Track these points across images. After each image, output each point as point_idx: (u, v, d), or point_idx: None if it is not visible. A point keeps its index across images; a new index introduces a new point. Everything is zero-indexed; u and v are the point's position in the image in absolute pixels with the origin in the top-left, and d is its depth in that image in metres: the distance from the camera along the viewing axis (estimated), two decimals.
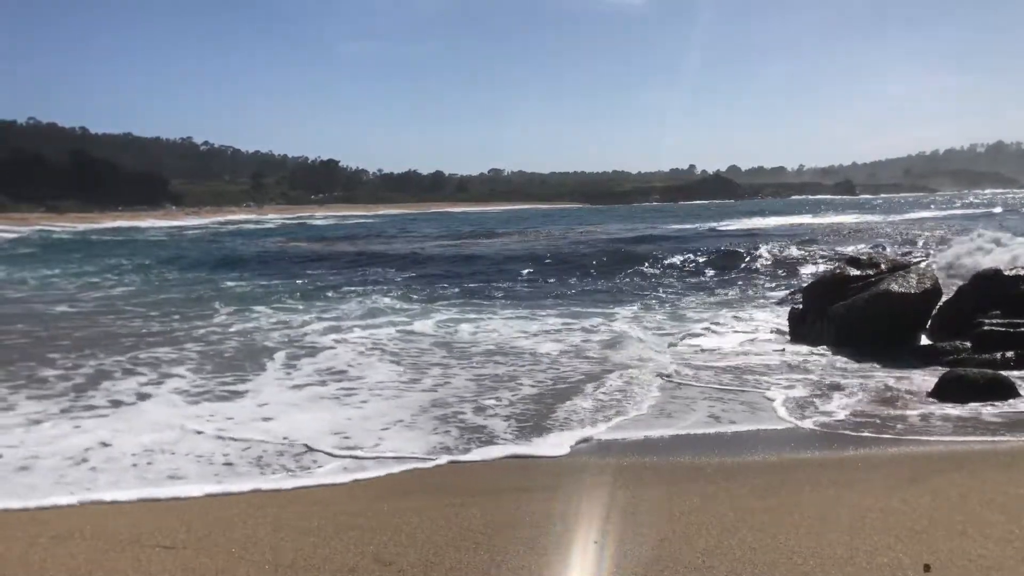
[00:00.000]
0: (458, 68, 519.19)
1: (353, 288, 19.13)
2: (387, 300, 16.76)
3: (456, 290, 18.57)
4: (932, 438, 6.51)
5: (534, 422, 7.23)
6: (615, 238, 36.22)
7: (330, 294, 18.14)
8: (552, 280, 20.55)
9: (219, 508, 5.13)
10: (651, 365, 9.80)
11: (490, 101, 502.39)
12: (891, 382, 8.74)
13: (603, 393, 8.31)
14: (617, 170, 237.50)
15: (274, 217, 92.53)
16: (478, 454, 6.33)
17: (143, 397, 8.47)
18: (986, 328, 10.52)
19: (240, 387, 8.94)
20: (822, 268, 16.03)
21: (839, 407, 7.69)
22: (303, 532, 4.55)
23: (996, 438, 6.49)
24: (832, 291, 12.03)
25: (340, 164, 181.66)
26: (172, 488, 5.57)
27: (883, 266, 12.29)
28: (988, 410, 7.34)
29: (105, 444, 6.65)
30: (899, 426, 6.93)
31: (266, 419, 7.53)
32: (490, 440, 6.71)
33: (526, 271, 22.44)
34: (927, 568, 3.80)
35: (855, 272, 12.20)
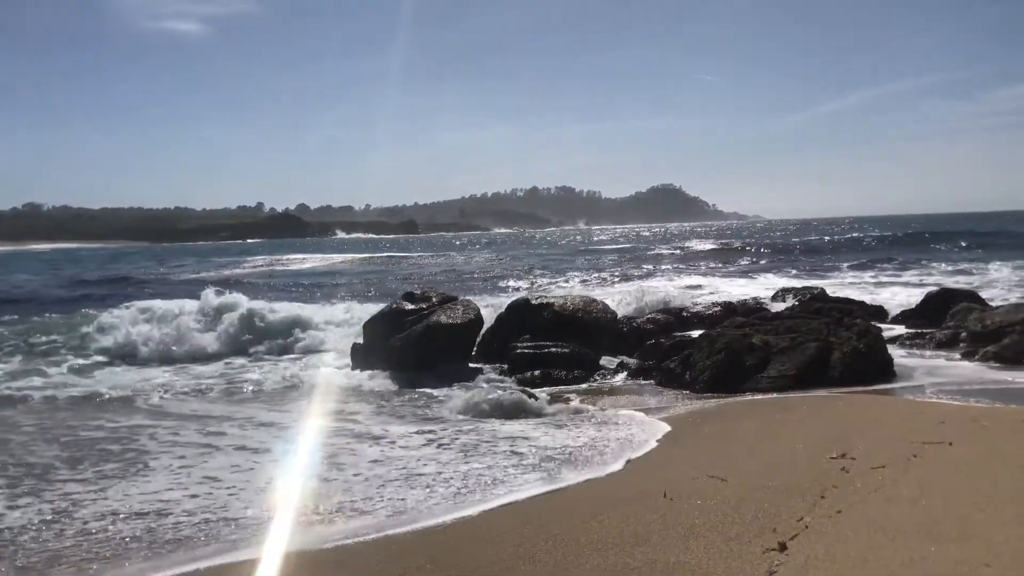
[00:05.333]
0: None
1: None
2: None
3: None
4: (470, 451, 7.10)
5: None
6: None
7: None
8: None
9: None
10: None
11: (25, 126, 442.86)
12: (436, 403, 9.54)
13: None
14: (180, 206, 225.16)
15: None
16: None
17: None
18: (518, 351, 11.92)
19: None
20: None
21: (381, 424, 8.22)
22: None
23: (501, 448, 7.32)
24: (391, 324, 12.65)
25: None
26: None
27: (435, 299, 13.24)
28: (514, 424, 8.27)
29: None
30: (437, 442, 7.48)
31: None
32: None
33: None
34: None
35: (410, 306, 12.97)
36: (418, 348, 11.93)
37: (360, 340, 12.97)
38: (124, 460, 7.19)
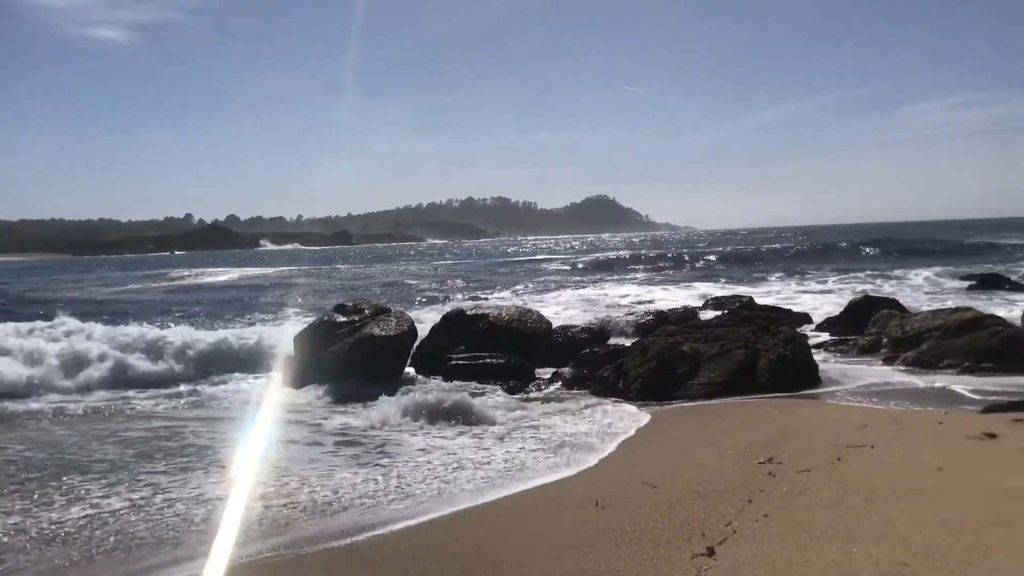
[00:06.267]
0: None
1: None
2: None
3: None
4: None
5: None
6: None
7: None
8: None
9: None
10: None
11: None
12: (367, 413, 9.37)
13: None
14: (104, 218, 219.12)
15: None
16: None
17: None
18: (453, 362, 11.90)
19: None
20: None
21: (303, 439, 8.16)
22: None
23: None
24: (323, 337, 12.45)
25: None
26: None
27: (367, 311, 13.08)
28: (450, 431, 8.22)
29: None
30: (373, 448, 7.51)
31: None
32: None
33: None
34: None
35: (342, 319, 12.79)
36: (351, 361, 11.74)
37: (291, 354, 12.73)
38: (189, 455, 7.44)
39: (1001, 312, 14.53)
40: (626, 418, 8.80)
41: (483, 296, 27.47)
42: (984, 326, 11.69)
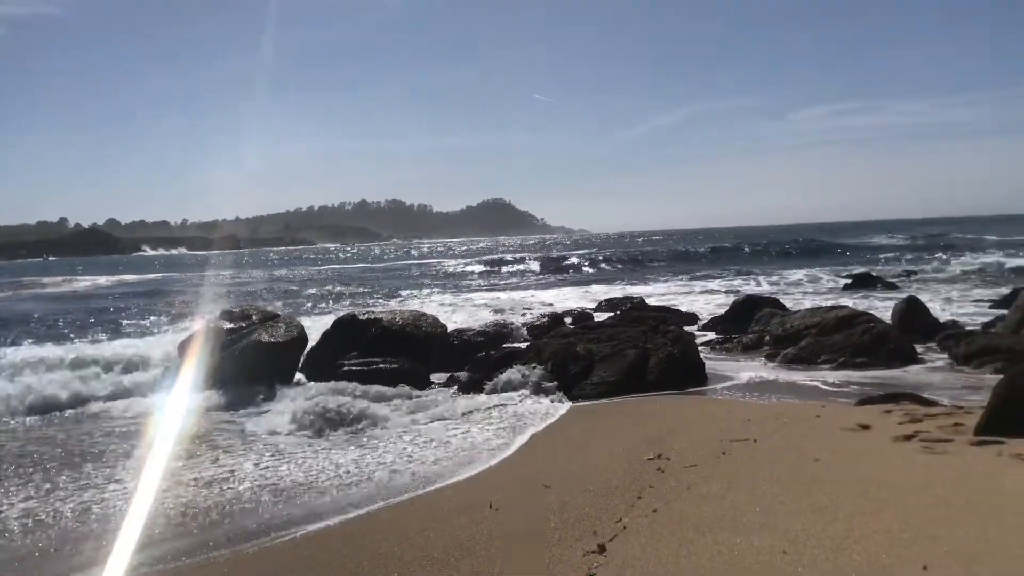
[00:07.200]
0: None
1: None
2: None
3: None
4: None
5: None
6: None
7: None
8: None
9: None
10: None
11: None
12: (254, 420, 9.25)
13: None
14: None
15: None
16: None
17: None
18: (345, 368, 11.67)
19: None
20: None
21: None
22: None
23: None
24: (209, 344, 12.02)
25: None
26: None
27: (255, 318, 12.72)
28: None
29: None
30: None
31: None
32: None
33: None
34: None
35: (229, 325, 12.39)
36: (237, 368, 11.37)
37: (174, 363, 12.23)
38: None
39: (864, 305, 15.43)
40: (523, 420, 8.81)
41: (377, 300, 27.14)
42: (858, 323, 12.32)
